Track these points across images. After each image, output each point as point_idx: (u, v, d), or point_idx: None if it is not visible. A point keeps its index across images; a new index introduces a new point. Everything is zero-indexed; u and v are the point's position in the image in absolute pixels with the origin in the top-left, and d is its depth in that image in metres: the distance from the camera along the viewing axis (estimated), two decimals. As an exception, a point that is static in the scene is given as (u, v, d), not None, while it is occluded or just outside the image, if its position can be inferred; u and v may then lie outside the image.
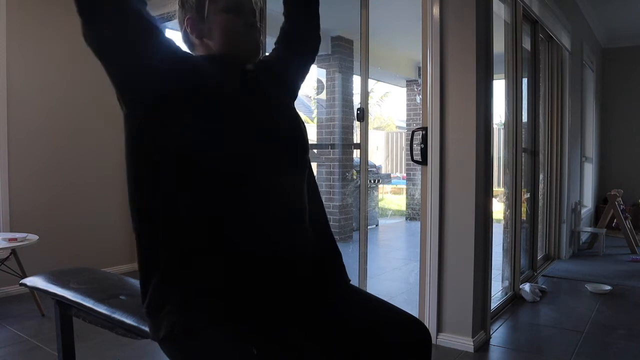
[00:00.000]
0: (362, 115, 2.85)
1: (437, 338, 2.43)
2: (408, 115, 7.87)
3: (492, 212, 2.57)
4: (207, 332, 0.96)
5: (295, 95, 1.32)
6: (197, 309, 0.98)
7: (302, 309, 1.09)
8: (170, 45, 1.05)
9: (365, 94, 3.02)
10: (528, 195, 3.91)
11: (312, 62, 1.37)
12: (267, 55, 1.31)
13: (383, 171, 10.76)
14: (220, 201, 0.99)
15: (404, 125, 8.82)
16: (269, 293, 1.02)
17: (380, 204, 8.81)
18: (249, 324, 0.98)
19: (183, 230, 0.99)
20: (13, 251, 2.82)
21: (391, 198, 10.55)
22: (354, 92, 5.90)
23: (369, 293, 1.20)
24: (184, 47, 1.15)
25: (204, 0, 1.08)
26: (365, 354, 1.07)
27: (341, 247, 1.21)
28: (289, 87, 1.29)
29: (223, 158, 0.99)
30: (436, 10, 2.39)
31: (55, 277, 1.62)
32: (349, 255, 4.58)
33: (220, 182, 0.99)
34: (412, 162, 2.61)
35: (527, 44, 3.76)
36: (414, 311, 2.28)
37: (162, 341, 1.00)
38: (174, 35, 1.20)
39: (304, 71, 1.36)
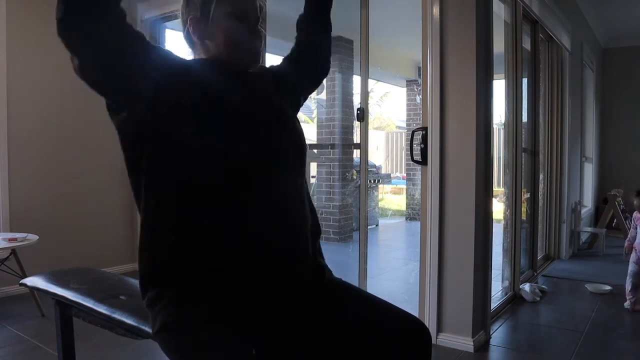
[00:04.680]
0: (362, 115, 2.85)
1: (437, 338, 2.43)
2: (408, 115, 7.87)
3: (492, 212, 2.57)
4: (200, 328, 0.97)
5: (297, 109, 1.34)
6: (191, 306, 0.98)
7: (300, 310, 1.09)
8: (166, 56, 1.03)
9: (365, 94, 3.02)
10: (528, 195, 3.91)
11: (317, 87, 1.42)
12: (275, 66, 1.32)
13: (383, 171, 10.76)
14: (220, 206, 0.99)
15: (404, 125, 8.82)
16: (267, 294, 1.02)
17: (380, 204, 8.81)
18: (245, 324, 0.98)
19: (183, 232, 0.99)
20: (13, 251, 2.82)
21: (391, 198, 10.56)
22: (354, 92, 5.89)
23: (369, 293, 1.20)
24: (186, 46, 1.15)
25: (210, 1, 1.08)
26: (365, 354, 1.07)
27: (341, 247, 1.21)
28: (292, 99, 1.30)
29: (224, 164, 1.00)
30: (436, 10, 2.39)
31: (55, 277, 1.62)
32: (349, 255, 4.58)
33: (221, 187, 0.99)
34: (412, 162, 2.61)
35: (527, 44, 3.76)
36: (414, 311, 2.28)
37: (156, 334, 1.02)
38: (174, 36, 1.19)
39: (308, 92, 1.40)
